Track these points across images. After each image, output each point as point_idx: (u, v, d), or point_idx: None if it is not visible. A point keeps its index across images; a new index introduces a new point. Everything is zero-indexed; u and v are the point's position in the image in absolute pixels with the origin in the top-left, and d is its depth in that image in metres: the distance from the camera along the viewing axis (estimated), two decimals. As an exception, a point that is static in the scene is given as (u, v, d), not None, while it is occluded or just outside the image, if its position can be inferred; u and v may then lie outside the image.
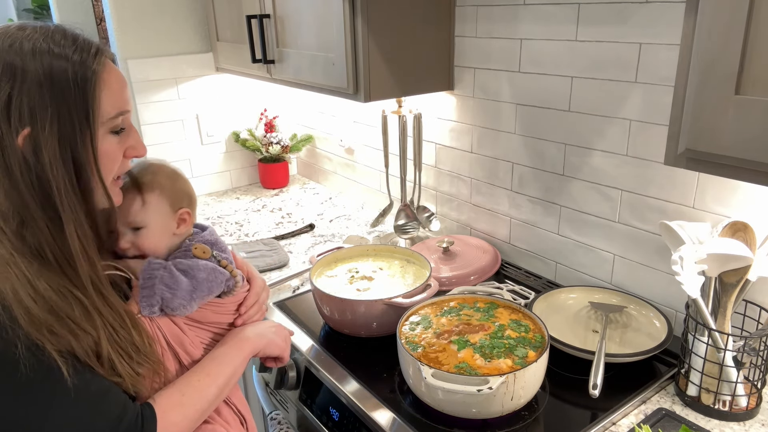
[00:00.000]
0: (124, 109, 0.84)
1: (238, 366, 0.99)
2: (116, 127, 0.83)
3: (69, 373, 0.73)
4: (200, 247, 1.01)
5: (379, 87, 1.49)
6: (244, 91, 2.36)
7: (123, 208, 0.96)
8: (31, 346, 0.71)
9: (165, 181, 1.02)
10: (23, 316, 0.71)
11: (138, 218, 0.99)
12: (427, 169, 1.84)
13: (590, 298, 1.36)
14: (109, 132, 0.83)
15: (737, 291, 1.06)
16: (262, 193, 2.39)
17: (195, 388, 0.91)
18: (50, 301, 0.74)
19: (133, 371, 0.82)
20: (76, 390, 0.74)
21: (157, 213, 1.00)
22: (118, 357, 0.80)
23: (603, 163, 1.34)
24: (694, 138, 0.78)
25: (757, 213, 1.09)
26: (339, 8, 1.41)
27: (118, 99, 0.82)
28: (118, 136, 0.84)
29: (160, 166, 1.04)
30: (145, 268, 0.96)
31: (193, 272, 0.97)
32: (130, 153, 0.88)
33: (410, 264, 1.45)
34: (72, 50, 0.77)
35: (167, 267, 0.96)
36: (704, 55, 0.74)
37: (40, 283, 0.74)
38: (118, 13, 2.04)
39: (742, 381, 1.04)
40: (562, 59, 1.35)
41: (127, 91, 0.86)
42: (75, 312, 0.76)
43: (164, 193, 1.01)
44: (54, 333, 0.73)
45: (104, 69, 0.80)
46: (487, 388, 0.97)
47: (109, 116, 0.81)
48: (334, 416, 1.19)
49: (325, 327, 1.38)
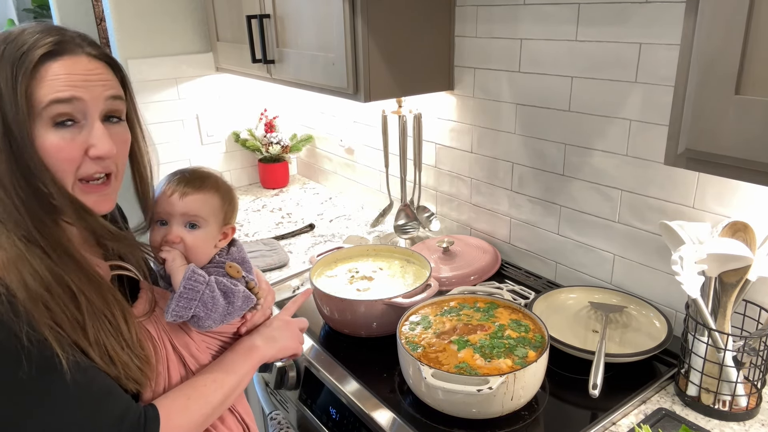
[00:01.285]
0: (62, 96, 0.75)
1: (245, 374, 0.97)
2: (58, 117, 0.76)
3: (71, 369, 0.73)
4: (234, 266, 0.98)
5: (379, 87, 1.49)
6: (244, 91, 2.36)
7: (189, 200, 0.94)
8: (32, 339, 0.70)
9: (228, 191, 1.01)
10: (21, 290, 0.72)
11: (202, 212, 0.96)
12: (427, 169, 1.84)
13: (590, 298, 1.36)
14: (51, 126, 0.76)
15: (737, 291, 1.06)
16: (262, 193, 2.39)
17: (201, 393, 0.90)
18: (44, 278, 0.74)
19: (128, 361, 0.81)
20: (77, 388, 0.74)
21: (214, 217, 0.98)
22: (111, 345, 0.79)
23: (603, 163, 1.34)
24: (694, 138, 0.78)
25: (757, 213, 1.09)
26: (339, 8, 1.41)
27: (57, 86, 0.75)
28: (65, 128, 0.77)
29: (218, 178, 1.02)
30: (187, 277, 0.91)
31: (232, 297, 0.95)
32: (91, 152, 0.79)
33: (410, 264, 1.45)
34: (30, 40, 0.75)
35: (210, 285, 0.93)
36: (704, 55, 0.74)
37: (35, 262, 0.75)
38: (118, 13, 2.04)
39: (742, 381, 1.04)
40: (562, 59, 1.35)
41: (86, 80, 0.78)
42: (63, 294, 0.76)
43: (225, 201, 0.99)
44: (49, 308, 0.73)
45: (55, 60, 0.76)
46: (487, 388, 0.97)
47: (41, 106, 0.74)
48: (334, 416, 1.19)
49: (325, 327, 1.38)
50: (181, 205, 0.95)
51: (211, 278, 0.94)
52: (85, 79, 0.78)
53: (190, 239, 0.95)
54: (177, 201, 0.95)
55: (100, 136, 0.79)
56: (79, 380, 0.74)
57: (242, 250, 1.05)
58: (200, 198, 0.96)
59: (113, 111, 0.83)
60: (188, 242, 0.95)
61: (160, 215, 0.96)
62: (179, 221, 0.95)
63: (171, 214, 0.95)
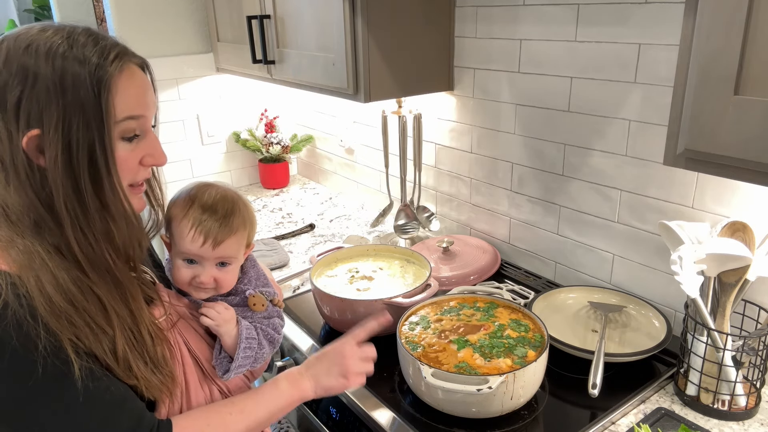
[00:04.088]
0: (135, 114, 0.79)
1: (278, 410, 0.93)
2: (128, 132, 0.79)
3: (84, 377, 0.72)
4: (258, 300, 0.98)
5: (379, 87, 1.49)
6: (245, 91, 2.36)
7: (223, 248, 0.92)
8: (48, 346, 0.70)
9: (250, 218, 0.98)
10: (44, 305, 0.71)
11: (234, 252, 0.95)
12: (427, 169, 1.84)
13: (590, 297, 1.36)
14: (120, 138, 0.79)
15: (736, 291, 1.06)
16: (263, 193, 2.39)
17: (223, 422, 0.86)
18: (69, 293, 0.73)
19: (150, 376, 0.80)
20: (89, 396, 0.73)
21: (241, 250, 0.97)
22: (135, 360, 0.78)
23: (602, 164, 1.34)
24: (694, 138, 0.78)
25: (756, 213, 1.10)
26: (339, 9, 1.41)
27: (131, 103, 0.78)
28: (131, 142, 0.80)
29: (238, 194, 0.98)
30: (244, 344, 0.92)
31: (275, 341, 0.99)
32: (147, 161, 0.83)
33: (410, 264, 1.45)
34: (91, 53, 0.75)
35: (261, 342, 0.96)
36: (703, 56, 0.74)
37: (60, 274, 0.73)
38: (119, 14, 2.04)
39: (741, 380, 1.04)
40: (562, 60, 1.35)
41: (147, 96, 0.82)
42: (92, 307, 0.75)
43: (246, 229, 0.97)
44: (73, 324, 0.72)
45: (121, 73, 0.77)
46: (487, 387, 0.97)
47: (117, 120, 0.77)
48: (335, 416, 1.20)
49: (326, 327, 1.38)
50: (215, 253, 0.93)
51: (260, 333, 0.96)
52: (145, 92, 0.81)
53: (222, 276, 0.95)
54: (209, 250, 0.92)
55: (157, 146, 0.84)
56: (91, 388, 0.73)
57: (254, 262, 1.04)
58: (233, 241, 0.94)
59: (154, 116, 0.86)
60: (220, 280, 0.95)
61: (188, 256, 0.94)
62: (211, 263, 0.94)
63: (203, 258, 0.93)
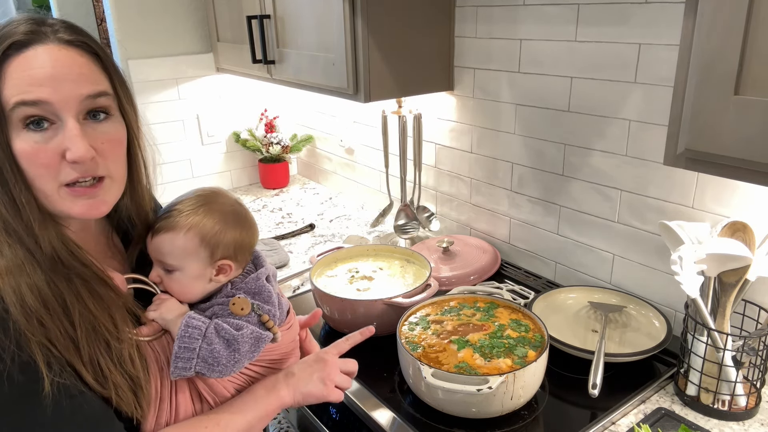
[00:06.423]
0: (28, 99, 0.68)
1: (258, 417, 0.87)
2: (25, 119, 0.69)
3: (54, 394, 0.67)
4: (240, 302, 0.85)
5: (379, 87, 1.49)
6: (245, 91, 2.36)
7: (156, 242, 0.85)
8: (16, 359, 0.66)
9: (210, 225, 0.85)
10: (16, 305, 0.67)
11: (168, 260, 0.85)
12: (427, 169, 1.84)
13: (590, 297, 1.36)
14: (23, 128, 0.69)
15: (736, 291, 1.06)
16: (263, 193, 2.39)
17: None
18: (42, 292, 0.70)
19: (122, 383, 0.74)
20: (57, 416, 0.68)
21: (192, 260, 0.85)
22: (106, 363, 0.73)
23: (602, 163, 1.34)
24: (694, 138, 0.78)
25: (756, 213, 1.10)
26: (339, 8, 1.41)
27: (21, 87, 0.68)
28: (37, 132, 0.70)
29: (216, 204, 0.87)
30: (182, 332, 0.81)
31: (237, 344, 0.82)
32: (67, 156, 0.71)
33: (410, 264, 1.45)
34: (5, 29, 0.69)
35: (208, 337, 0.81)
36: (703, 56, 0.74)
37: (33, 273, 0.70)
38: (119, 14, 2.04)
39: (741, 381, 1.04)
40: (562, 59, 1.35)
41: (53, 78, 0.69)
42: (58, 306, 0.71)
43: (204, 240, 0.84)
44: (44, 326, 0.68)
45: (17, 56, 0.68)
46: (487, 387, 0.97)
47: (9, 107, 0.68)
48: (334, 416, 1.19)
49: (325, 327, 1.38)
50: (150, 247, 0.86)
51: (211, 327, 0.83)
52: (51, 75, 0.69)
53: (168, 282, 0.86)
54: (149, 240, 0.86)
55: (72, 138, 0.70)
56: (62, 407, 0.68)
57: (260, 277, 0.90)
58: (166, 239, 0.84)
59: (96, 107, 0.74)
60: (167, 285, 0.86)
61: None
62: (157, 262, 0.87)
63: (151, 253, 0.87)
